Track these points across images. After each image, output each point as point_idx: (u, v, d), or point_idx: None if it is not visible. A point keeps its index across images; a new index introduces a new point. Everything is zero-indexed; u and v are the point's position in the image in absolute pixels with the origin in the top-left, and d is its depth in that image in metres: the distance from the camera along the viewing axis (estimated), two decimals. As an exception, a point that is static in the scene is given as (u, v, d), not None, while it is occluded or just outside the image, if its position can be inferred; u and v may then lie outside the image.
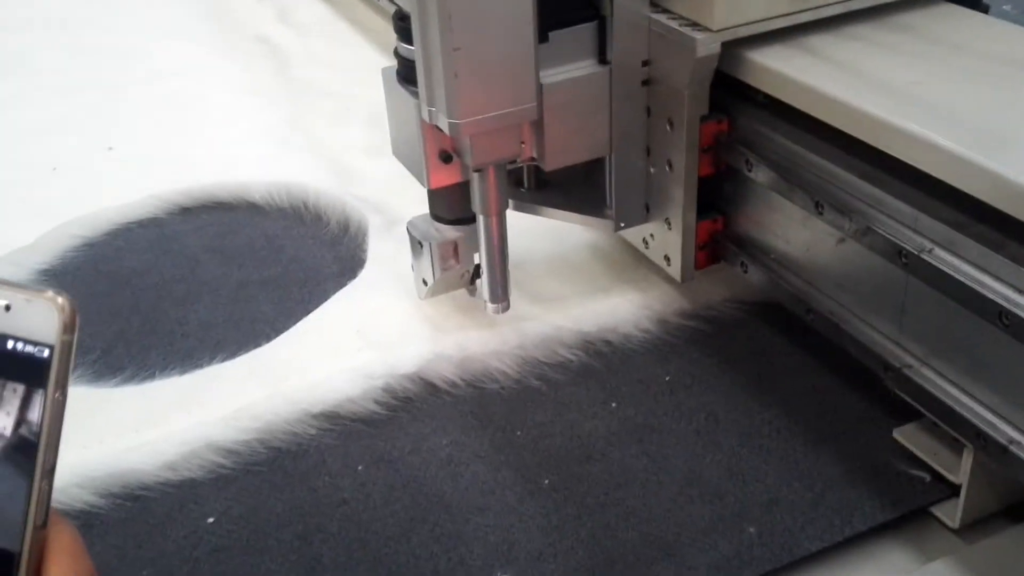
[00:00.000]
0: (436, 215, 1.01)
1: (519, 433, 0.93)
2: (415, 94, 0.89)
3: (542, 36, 0.87)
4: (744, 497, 0.84)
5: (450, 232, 1.00)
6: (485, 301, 1.00)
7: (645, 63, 0.93)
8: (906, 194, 0.78)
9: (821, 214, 0.85)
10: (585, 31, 0.90)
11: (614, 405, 0.96)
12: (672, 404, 0.95)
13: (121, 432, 0.93)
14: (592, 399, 0.96)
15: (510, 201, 1.02)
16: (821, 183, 0.86)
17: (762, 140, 0.92)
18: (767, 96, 0.89)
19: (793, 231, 0.92)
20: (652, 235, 1.03)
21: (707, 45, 0.86)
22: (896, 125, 0.77)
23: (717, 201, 1.00)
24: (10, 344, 0.42)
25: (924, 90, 0.81)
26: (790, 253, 0.94)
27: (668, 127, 0.94)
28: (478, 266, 1.01)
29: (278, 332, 1.06)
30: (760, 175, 0.91)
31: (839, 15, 0.91)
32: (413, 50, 0.86)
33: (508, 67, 0.84)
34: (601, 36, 0.91)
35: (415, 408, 0.96)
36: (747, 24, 0.87)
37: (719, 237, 1.00)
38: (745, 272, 0.98)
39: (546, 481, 0.88)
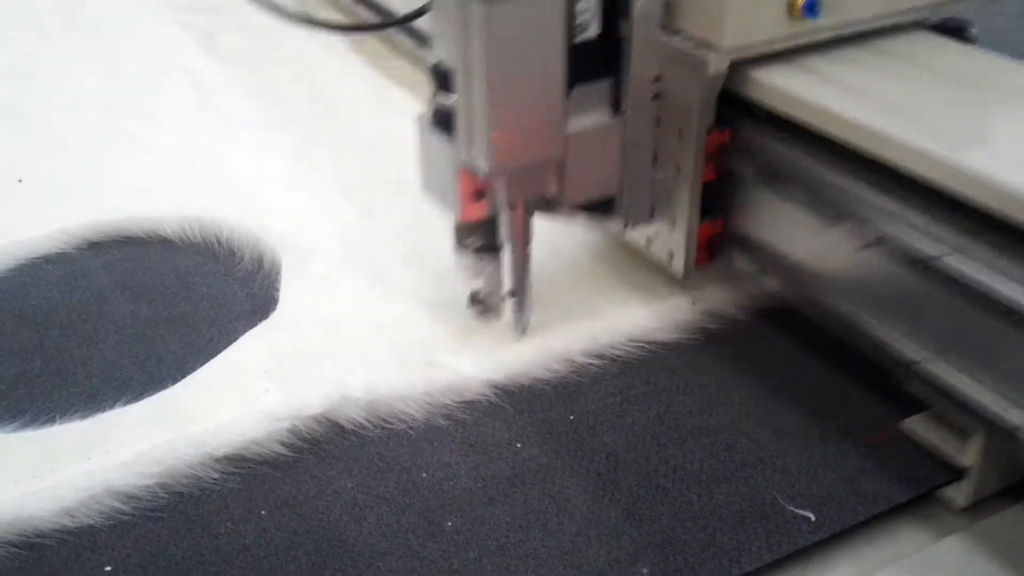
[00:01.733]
0: (464, 246, 1.08)
1: (424, 474, 0.94)
2: (450, 139, 0.98)
3: (568, 91, 0.97)
4: (639, 538, 0.87)
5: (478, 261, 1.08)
6: (513, 323, 1.08)
7: (657, 79, 1.02)
8: (914, 202, 0.87)
9: (834, 223, 0.93)
10: (603, 86, 1.01)
11: (519, 445, 0.98)
12: (575, 444, 0.97)
13: (19, 478, 0.91)
14: (498, 439, 0.98)
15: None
16: (830, 193, 0.94)
17: (762, 150, 1.00)
18: (767, 111, 0.98)
19: (792, 234, 1.01)
20: (656, 234, 1.11)
21: (717, 64, 0.96)
22: (903, 140, 0.85)
23: (717, 204, 1.07)
24: None
25: (920, 108, 0.90)
26: (790, 254, 1.02)
27: (677, 137, 1.02)
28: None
29: (185, 373, 1.05)
30: (759, 181, 1.00)
31: (831, 39, 1.01)
32: (451, 100, 0.96)
33: (540, 119, 0.96)
34: (616, 90, 1.01)
35: (322, 450, 0.97)
36: (752, 45, 0.97)
37: (717, 238, 1.09)
38: (739, 270, 1.07)
39: (449, 523, 0.89)
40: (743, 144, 1.03)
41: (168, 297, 1.19)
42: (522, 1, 0.89)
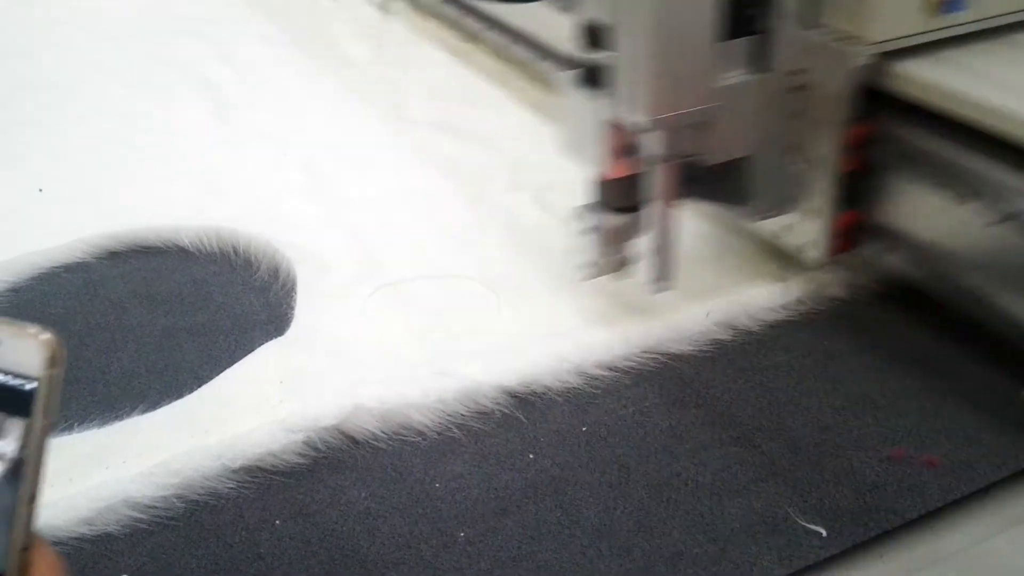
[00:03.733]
0: (604, 204, 1.09)
1: (437, 485, 0.95)
2: (597, 97, 1.02)
3: (722, 43, 1.01)
4: (651, 551, 0.87)
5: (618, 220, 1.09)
6: (649, 282, 1.09)
7: (800, 71, 1.05)
8: None
9: (965, 202, 0.97)
10: (754, 42, 1.04)
11: (531, 456, 0.98)
12: (587, 455, 0.98)
13: (37, 487, 0.92)
14: (511, 450, 0.99)
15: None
16: (963, 174, 0.98)
17: (900, 139, 1.04)
18: (907, 101, 1.02)
19: (935, 220, 1.04)
20: (790, 225, 1.14)
21: (861, 57, 1.01)
22: None
23: (855, 195, 1.10)
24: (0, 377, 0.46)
25: None
26: (933, 239, 1.05)
27: (818, 128, 1.06)
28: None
29: (201, 382, 1.06)
30: (896, 169, 1.04)
31: (971, 32, 1.06)
32: (599, 56, 1.00)
33: (695, 71, 0.99)
34: (766, 47, 1.04)
35: (336, 460, 0.98)
36: (896, 39, 1.02)
37: (855, 228, 1.12)
38: (882, 258, 1.11)
39: (461, 534, 0.89)
40: (882, 135, 1.07)
41: (185, 307, 1.21)
42: None
